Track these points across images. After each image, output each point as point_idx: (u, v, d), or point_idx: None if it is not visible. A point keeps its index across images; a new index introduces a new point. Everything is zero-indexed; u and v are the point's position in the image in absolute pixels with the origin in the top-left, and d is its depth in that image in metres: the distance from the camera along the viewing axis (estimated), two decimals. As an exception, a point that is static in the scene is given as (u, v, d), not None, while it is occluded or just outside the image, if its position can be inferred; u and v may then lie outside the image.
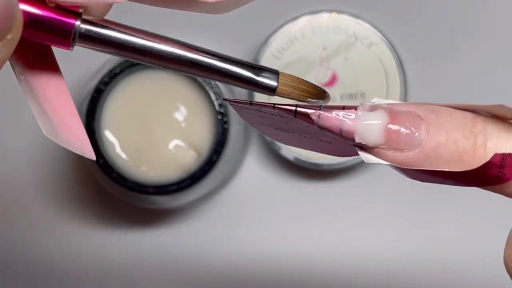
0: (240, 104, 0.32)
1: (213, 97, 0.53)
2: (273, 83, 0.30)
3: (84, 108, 0.54)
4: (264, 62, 0.56)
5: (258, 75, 0.30)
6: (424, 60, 0.58)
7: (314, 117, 0.30)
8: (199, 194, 0.56)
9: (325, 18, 0.56)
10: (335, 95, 0.56)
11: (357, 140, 0.30)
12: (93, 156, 0.30)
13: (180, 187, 0.54)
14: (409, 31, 0.58)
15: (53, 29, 0.28)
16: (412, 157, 0.29)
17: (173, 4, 0.30)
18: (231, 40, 0.58)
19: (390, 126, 0.29)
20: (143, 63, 0.30)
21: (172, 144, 0.54)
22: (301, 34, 0.56)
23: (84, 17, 0.28)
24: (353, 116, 0.30)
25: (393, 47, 0.56)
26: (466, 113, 0.30)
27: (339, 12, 0.56)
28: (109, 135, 0.54)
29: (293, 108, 0.30)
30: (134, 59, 0.30)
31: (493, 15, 0.58)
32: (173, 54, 0.30)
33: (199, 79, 0.53)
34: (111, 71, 0.54)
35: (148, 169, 0.54)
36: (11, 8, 0.25)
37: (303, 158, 0.56)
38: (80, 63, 0.54)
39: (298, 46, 0.56)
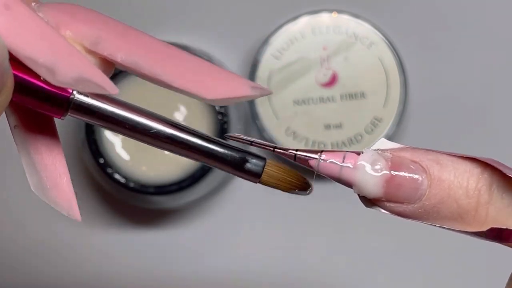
0: (241, 141, 0.32)
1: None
2: (258, 170, 0.30)
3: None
4: (264, 62, 0.56)
5: (244, 161, 0.30)
6: (424, 60, 0.58)
7: (313, 164, 0.30)
8: (199, 194, 0.56)
9: (325, 18, 0.56)
10: (335, 95, 0.56)
11: (355, 192, 0.30)
12: (78, 218, 0.29)
13: (180, 187, 0.54)
14: (409, 31, 0.58)
15: (46, 99, 0.28)
16: (411, 210, 0.29)
17: (173, 90, 0.30)
18: (231, 40, 0.58)
19: (390, 179, 0.29)
20: (134, 139, 0.30)
21: (172, 144, 0.54)
22: (301, 34, 0.56)
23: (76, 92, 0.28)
24: (352, 167, 0.29)
25: (393, 47, 0.56)
26: (474, 166, 0.29)
27: (339, 12, 0.56)
28: (109, 135, 0.54)
29: (293, 153, 0.30)
30: (124, 134, 0.29)
31: (493, 15, 0.58)
32: (165, 133, 0.29)
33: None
34: (111, 71, 0.54)
35: (148, 169, 0.54)
36: (2, 72, 0.25)
37: (303, 158, 0.56)
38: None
39: (298, 46, 0.56)
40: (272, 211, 0.58)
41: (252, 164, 0.30)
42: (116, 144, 0.54)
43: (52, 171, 0.29)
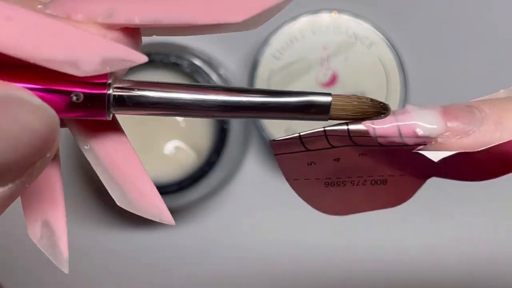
0: (286, 141, 0.29)
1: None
2: (325, 106, 0.27)
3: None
4: (264, 62, 0.56)
5: (310, 103, 0.27)
6: (424, 60, 0.58)
7: (370, 130, 0.28)
8: (199, 194, 0.56)
9: (325, 18, 0.56)
10: (335, 95, 0.56)
11: (419, 132, 0.28)
12: (172, 222, 0.28)
13: (180, 187, 0.54)
14: (409, 31, 0.58)
15: (88, 106, 0.26)
16: (478, 137, 0.28)
17: (201, 31, 0.28)
18: (231, 40, 0.58)
19: (445, 110, 0.28)
20: (191, 116, 0.27)
21: (172, 144, 0.54)
22: (301, 34, 0.56)
23: (114, 85, 0.26)
24: (406, 113, 0.28)
25: (393, 47, 0.56)
26: None
27: (339, 11, 0.56)
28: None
29: (345, 128, 0.28)
30: (178, 115, 0.27)
31: (493, 14, 0.58)
32: (222, 101, 0.27)
33: (199, 79, 0.53)
34: (111, 71, 0.53)
35: (148, 169, 0.54)
36: (54, 132, 0.25)
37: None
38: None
39: (298, 46, 0.56)
40: (272, 211, 0.58)
41: (317, 103, 0.27)
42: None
43: (134, 181, 0.28)
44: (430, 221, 0.58)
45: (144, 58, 0.26)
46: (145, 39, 0.29)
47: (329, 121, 0.28)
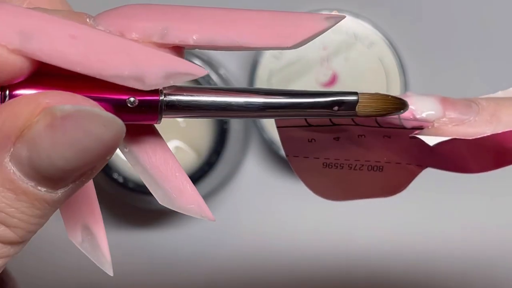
0: (291, 128, 0.30)
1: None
2: (353, 105, 0.30)
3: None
4: (264, 62, 0.56)
5: (338, 102, 0.29)
6: (424, 60, 0.58)
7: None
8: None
9: (325, 18, 0.56)
10: (335, 95, 0.56)
11: (417, 115, 0.29)
12: (212, 218, 0.31)
13: (180, 187, 0.54)
14: (409, 31, 0.58)
15: (141, 111, 0.28)
16: (473, 126, 0.30)
17: (247, 49, 0.29)
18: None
19: (444, 99, 0.30)
20: (230, 118, 0.29)
21: (172, 144, 0.54)
22: (301, 34, 0.56)
23: (165, 91, 0.28)
24: (406, 97, 0.29)
25: (393, 47, 0.56)
26: None
27: (339, 11, 0.56)
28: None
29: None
30: (221, 117, 0.29)
31: (493, 14, 0.58)
32: (258, 104, 0.29)
33: (199, 79, 0.53)
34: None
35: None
36: (120, 140, 0.26)
37: (303, 158, 0.56)
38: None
39: (298, 46, 0.56)
40: (272, 211, 0.58)
41: (346, 101, 0.30)
42: (116, 144, 0.54)
43: (173, 180, 0.30)
44: (429, 214, 0.58)
45: (204, 72, 0.27)
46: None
47: None
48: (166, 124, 0.57)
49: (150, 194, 0.56)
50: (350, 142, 0.30)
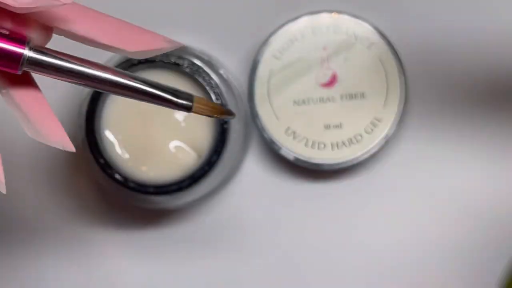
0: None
1: (213, 97, 0.53)
2: (189, 103, 0.37)
3: (84, 108, 0.54)
4: (264, 62, 0.56)
5: (177, 97, 0.36)
6: (424, 60, 0.58)
7: None
8: (199, 194, 0.56)
9: (325, 18, 0.56)
10: (335, 95, 0.56)
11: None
12: (72, 148, 0.35)
13: (180, 187, 0.54)
14: (409, 31, 0.58)
15: (4, 57, 0.33)
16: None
17: (104, 48, 0.36)
18: (231, 40, 0.58)
19: None
20: (80, 85, 0.35)
21: (172, 144, 0.54)
22: (301, 34, 0.56)
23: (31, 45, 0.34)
24: None
25: (393, 47, 0.56)
26: None
27: (339, 12, 0.56)
28: (109, 135, 0.54)
29: None
30: (71, 82, 0.35)
31: (494, 15, 0.58)
32: (107, 79, 0.35)
33: (199, 79, 0.53)
34: (111, 71, 0.53)
35: (148, 169, 0.54)
36: None
37: (303, 158, 0.56)
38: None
39: (298, 46, 0.56)
40: (272, 211, 0.58)
41: (183, 99, 0.36)
42: (116, 144, 0.54)
43: (40, 115, 0.35)
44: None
45: (68, 1, 0.32)
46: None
47: None
48: (166, 124, 0.57)
49: (150, 194, 0.56)
50: None
